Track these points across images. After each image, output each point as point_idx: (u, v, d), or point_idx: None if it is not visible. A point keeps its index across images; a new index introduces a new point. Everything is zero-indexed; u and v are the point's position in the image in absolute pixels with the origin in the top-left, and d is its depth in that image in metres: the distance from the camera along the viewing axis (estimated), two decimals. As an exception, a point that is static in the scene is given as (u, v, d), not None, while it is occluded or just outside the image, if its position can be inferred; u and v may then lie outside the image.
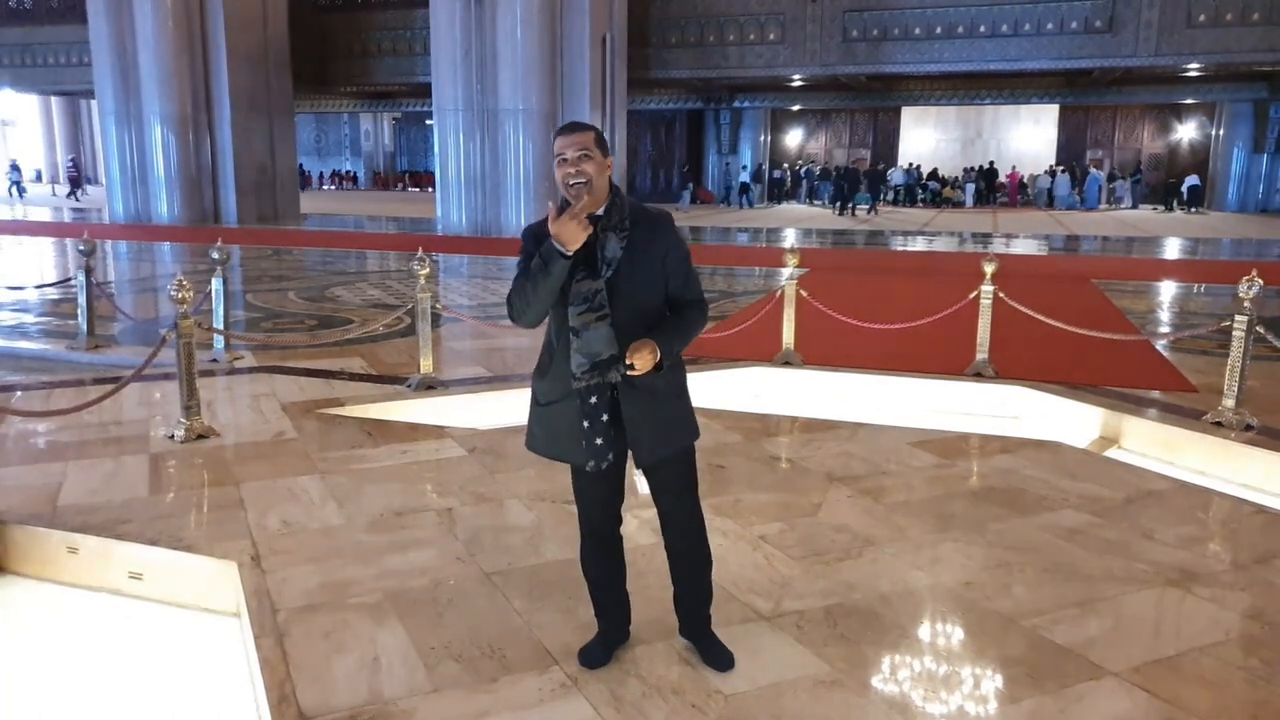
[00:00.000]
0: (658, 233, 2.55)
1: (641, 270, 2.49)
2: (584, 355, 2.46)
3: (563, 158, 2.47)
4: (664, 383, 2.55)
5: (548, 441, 2.64)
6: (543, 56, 16.86)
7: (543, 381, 2.61)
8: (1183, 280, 12.91)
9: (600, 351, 2.45)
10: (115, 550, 3.61)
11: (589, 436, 2.52)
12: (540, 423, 2.65)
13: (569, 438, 2.56)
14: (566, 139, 2.47)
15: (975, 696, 2.65)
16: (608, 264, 2.47)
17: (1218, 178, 29.10)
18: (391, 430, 5.18)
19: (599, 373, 2.47)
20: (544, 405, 2.62)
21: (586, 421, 2.51)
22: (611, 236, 2.49)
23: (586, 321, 2.45)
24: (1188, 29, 19.37)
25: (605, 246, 2.48)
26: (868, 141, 35.83)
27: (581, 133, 2.49)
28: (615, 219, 2.51)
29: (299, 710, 2.51)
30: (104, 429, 5.14)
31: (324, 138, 45.25)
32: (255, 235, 18.14)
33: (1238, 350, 5.14)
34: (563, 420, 2.57)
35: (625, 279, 2.48)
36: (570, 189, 2.47)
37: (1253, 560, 3.58)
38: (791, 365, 6.64)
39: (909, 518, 3.95)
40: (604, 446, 2.53)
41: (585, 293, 2.45)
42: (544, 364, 2.61)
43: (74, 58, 25.84)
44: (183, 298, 4.95)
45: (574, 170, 2.45)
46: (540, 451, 2.68)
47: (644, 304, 2.51)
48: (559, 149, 2.47)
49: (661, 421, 2.58)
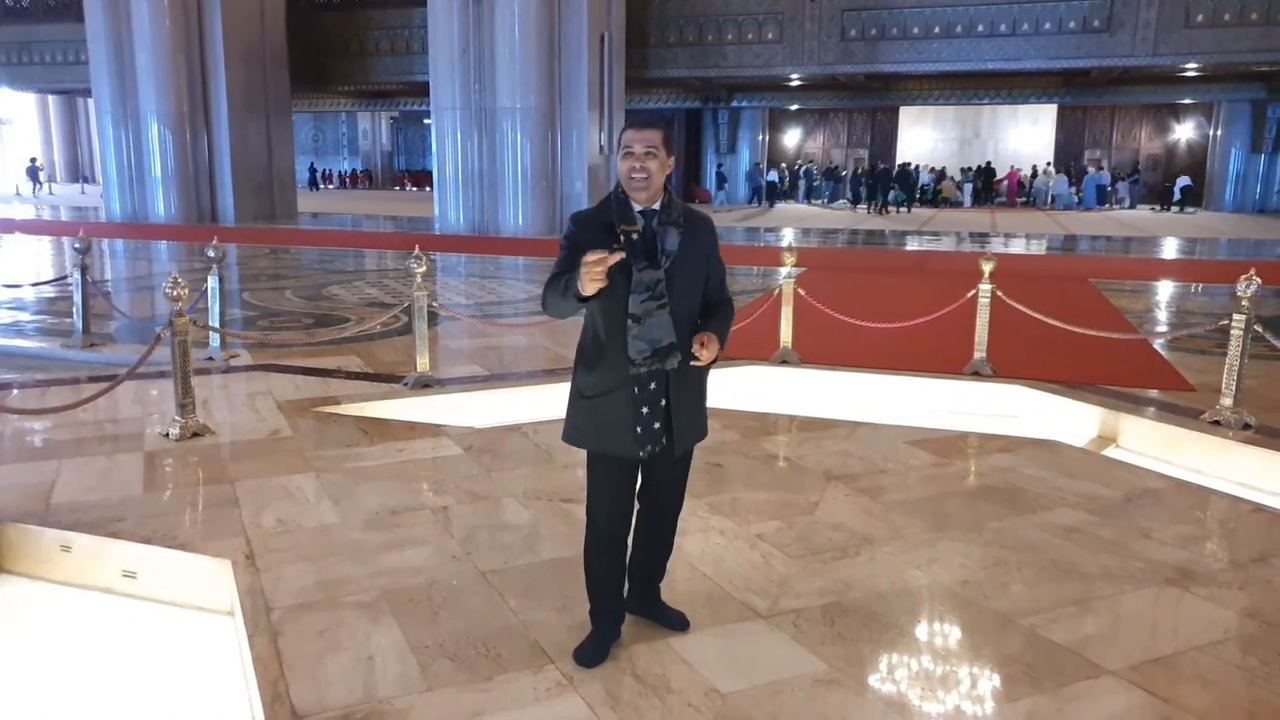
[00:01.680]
0: (703, 232, 2.68)
1: (691, 265, 2.62)
2: (645, 342, 2.54)
3: (629, 151, 2.54)
4: (699, 374, 2.70)
5: (595, 434, 2.68)
6: (541, 55, 16.84)
7: (591, 374, 2.65)
8: (1180, 280, 12.91)
9: (661, 338, 2.54)
10: (109, 548, 3.59)
11: (646, 422, 2.60)
12: (587, 416, 2.67)
13: (620, 428, 2.61)
14: (636, 133, 2.55)
15: (972, 695, 2.64)
16: (667, 256, 2.57)
17: (1215, 178, 29.11)
18: (388, 429, 5.16)
19: (659, 359, 2.55)
20: (591, 398, 2.65)
21: (645, 408, 2.60)
22: (671, 231, 2.59)
23: (649, 310, 2.53)
24: (1186, 29, 19.38)
25: (665, 239, 2.58)
26: (865, 141, 35.82)
27: (652, 130, 2.57)
28: (674, 214, 2.62)
29: (292, 709, 2.49)
30: (99, 427, 5.12)
31: (321, 137, 45.19)
32: (252, 234, 18.11)
33: (1236, 349, 5.13)
34: (613, 411, 2.62)
35: (680, 271, 2.59)
36: (631, 181, 2.55)
37: (1250, 559, 3.57)
38: (789, 364, 6.63)
39: (906, 516, 3.94)
40: (659, 431, 2.63)
41: (648, 282, 2.53)
42: (591, 358, 2.65)
43: (71, 56, 25.79)
44: (178, 295, 4.93)
45: (639, 165, 2.54)
46: (585, 445, 2.72)
47: (693, 296, 2.64)
48: (627, 141, 2.55)
49: (699, 410, 2.75)
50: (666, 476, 2.79)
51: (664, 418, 2.62)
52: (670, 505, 2.86)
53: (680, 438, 2.68)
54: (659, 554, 2.94)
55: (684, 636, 2.89)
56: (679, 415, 2.65)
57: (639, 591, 2.94)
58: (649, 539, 2.89)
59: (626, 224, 2.56)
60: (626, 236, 2.55)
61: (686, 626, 2.93)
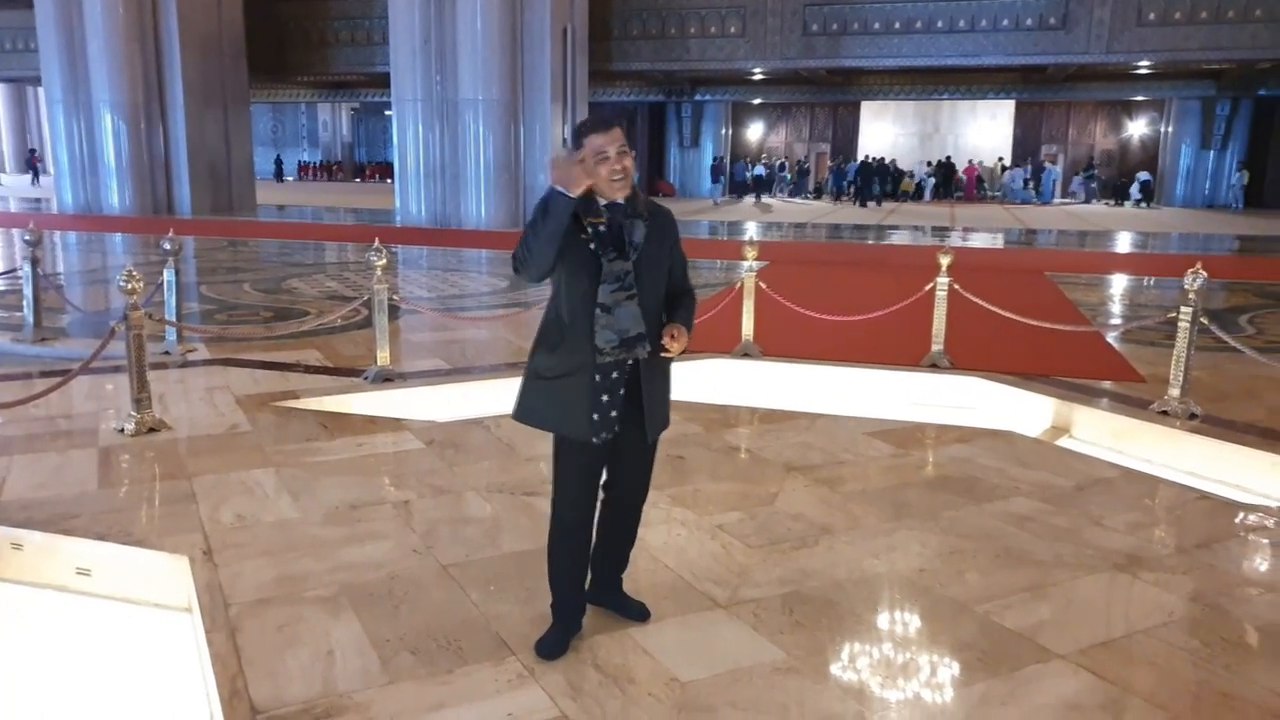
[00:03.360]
0: (666, 225, 2.71)
1: (656, 257, 2.65)
2: (614, 331, 2.57)
3: (605, 155, 2.55)
4: (665, 365, 2.75)
5: (548, 414, 2.70)
6: (503, 47, 16.74)
7: (552, 356, 2.66)
8: (1133, 273, 13.18)
9: (629, 329, 2.58)
10: (62, 546, 3.53)
11: (604, 409, 2.63)
12: (542, 396, 2.69)
13: (576, 412, 2.63)
14: (606, 136, 2.56)
15: (928, 681, 2.69)
16: (634, 247, 2.60)
17: (1167, 173, 29.72)
18: (348, 423, 5.12)
19: (626, 349, 2.59)
20: (550, 379, 2.67)
21: (605, 395, 2.63)
22: (638, 223, 2.62)
23: (618, 299, 2.57)
24: (1138, 27, 19.77)
25: (634, 232, 2.61)
26: (827, 135, 36.06)
27: (617, 128, 2.61)
28: (639, 207, 2.64)
29: (251, 705, 2.48)
30: (51, 422, 5.03)
31: (281, 128, 44.56)
32: (209, 226, 17.82)
33: (1183, 341, 5.26)
34: (571, 394, 2.63)
35: (646, 263, 2.63)
36: (614, 184, 2.57)
37: (1195, 545, 3.67)
38: (751, 357, 6.68)
39: (865, 506, 4.00)
40: (613, 420, 2.65)
41: (617, 272, 2.57)
42: (553, 340, 2.66)
43: (20, 43, 25.20)
44: (132, 288, 4.85)
45: (619, 168, 2.57)
46: (537, 424, 2.73)
47: (658, 288, 2.69)
48: (599, 146, 2.55)
49: (662, 402, 2.78)
50: (633, 465, 2.82)
51: (621, 407, 2.65)
52: (636, 494, 2.89)
53: (650, 427, 2.72)
54: (622, 545, 2.97)
55: (645, 627, 2.92)
56: (648, 405, 2.69)
57: (601, 582, 2.97)
58: (613, 529, 2.92)
59: (594, 216, 2.58)
60: (594, 228, 2.57)
61: (647, 618, 2.96)
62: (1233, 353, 6.04)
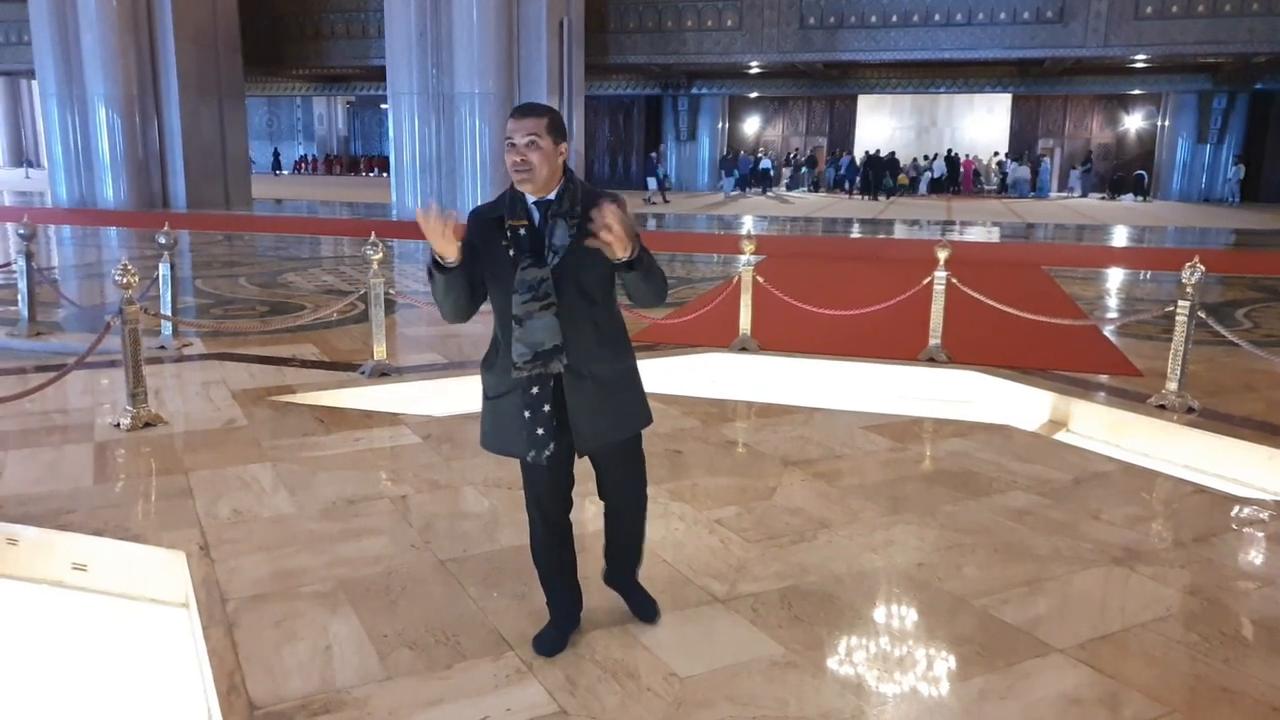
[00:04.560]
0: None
1: (590, 257, 2.38)
2: (526, 345, 2.42)
3: (511, 142, 2.42)
4: (610, 372, 2.56)
5: (496, 436, 2.63)
6: (499, 40, 16.68)
7: (490, 374, 2.60)
8: (1130, 267, 13.18)
9: (543, 341, 2.42)
10: (58, 541, 3.52)
11: (530, 427, 2.51)
12: (488, 417, 2.64)
13: (515, 431, 2.54)
14: (517, 123, 2.42)
15: (927, 676, 2.69)
16: (554, 251, 2.43)
17: (1163, 167, 29.72)
18: (344, 418, 5.11)
19: (541, 362, 2.44)
20: (493, 399, 2.60)
21: (528, 411, 2.50)
22: (560, 223, 2.44)
23: (530, 310, 2.41)
24: (1135, 20, 19.76)
25: (554, 233, 2.43)
26: (824, 129, 36.00)
27: (534, 118, 2.42)
28: (566, 205, 2.45)
29: (248, 700, 2.47)
30: (46, 417, 5.01)
31: (276, 121, 44.39)
32: (205, 220, 17.77)
33: (1180, 335, 5.26)
34: (509, 413, 2.55)
35: (572, 267, 2.43)
36: (515, 175, 2.43)
37: (1193, 539, 3.67)
38: (748, 351, 6.67)
39: (863, 500, 4.00)
40: (544, 437, 2.51)
41: (530, 281, 2.40)
42: (490, 356, 2.59)
43: (14, 36, 25.05)
44: (127, 282, 4.83)
45: (519, 159, 2.40)
46: (490, 448, 2.67)
47: (591, 292, 2.47)
48: (509, 132, 2.43)
49: (608, 409, 2.57)
50: (608, 474, 2.72)
51: (549, 423, 2.50)
52: (624, 501, 2.78)
53: (586, 436, 2.54)
54: (628, 546, 2.88)
55: (643, 622, 2.90)
56: (579, 415, 2.51)
57: (615, 572, 2.92)
58: (614, 533, 2.85)
59: (516, 218, 2.44)
60: (514, 231, 2.44)
61: (655, 618, 2.87)
62: (1230, 346, 6.05)
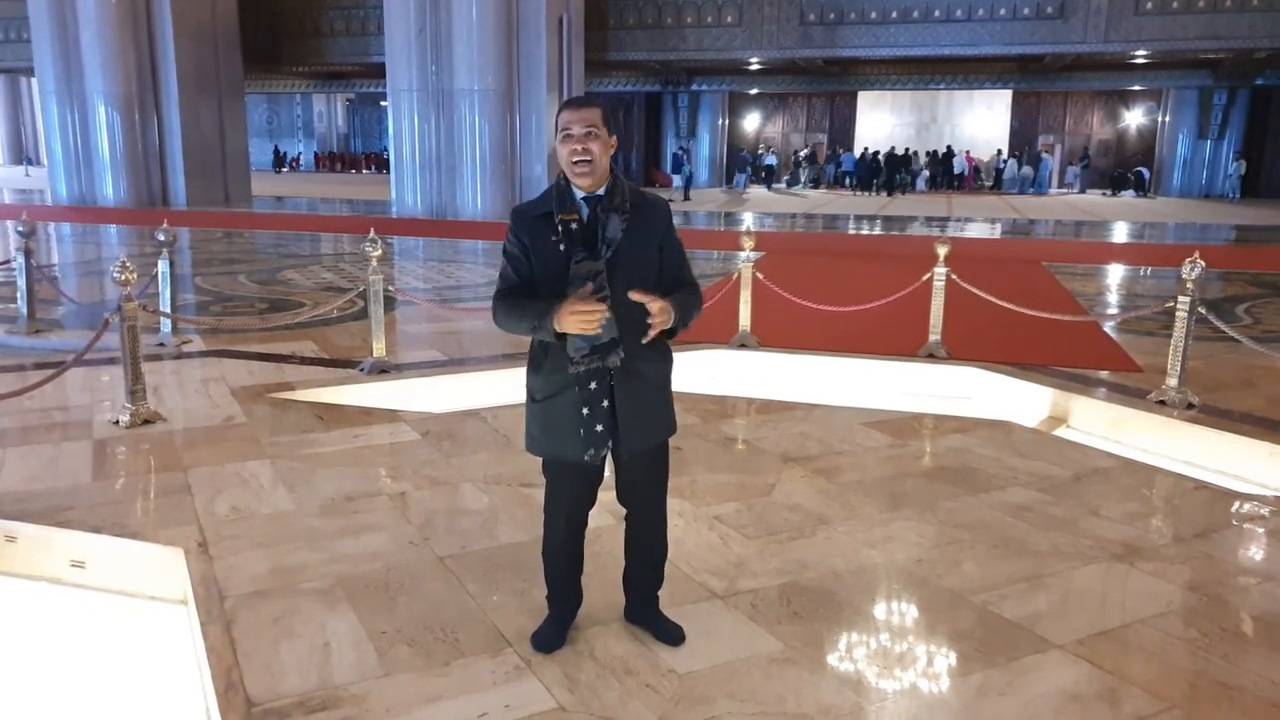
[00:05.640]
0: (654, 217, 2.52)
1: (639, 253, 2.44)
2: (584, 338, 2.38)
3: (568, 133, 2.40)
4: (656, 373, 2.55)
5: (547, 440, 2.56)
6: (499, 37, 16.67)
7: (539, 376, 2.53)
8: (1129, 263, 13.17)
9: (601, 334, 2.37)
10: (56, 538, 3.52)
11: (589, 424, 2.46)
12: (538, 420, 2.56)
13: (568, 432, 2.49)
14: (573, 113, 2.41)
15: (926, 671, 2.68)
16: (608, 245, 2.42)
17: (1164, 163, 29.70)
18: (344, 415, 5.11)
19: (599, 356, 2.40)
20: (540, 401, 2.53)
21: (586, 409, 2.45)
22: (614, 217, 2.43)
23: None
24: (1135, 16, 19.73)
25: (606, 227, 2.42)
26: (824, 126, 36.01)
27: (591, 108, 2.42)
28: (617, 199, 2.46)
29: (247, 697, 2.47)
30: (45, 414, 5.01)
31: (276, 119, 44.37)
32: (204, 218, 17.76)
33: (1180, 331, 5.26)
34: (562, 414, 2.49)
35: (624, 261, 2.42)
36: (574, 166, 2.41)
37: (1193, 535, 3.67)
38: (748, 347, 6.67)
39: (862, 497, 3.99)
40: (604, 434, 2.48)
41: (585, 274, 2.38)
42: (537, 358, 2.53)
43: (12, 34, 25.02)
44: (126, 280, 4.83)
45: (580, 148, 2.39)
46: (541, 453, 2.60)
47: (643, 286, 2.44)
48: (564, 123, 2.41)
49: (651, 411, 2.56)
50: (635, 478, 2.65)
51: (608, 419, 2.47)
52: (647, 508, 2.72)
53: (627, 439, 2.51)
54: (649, 562, 2.79)
55: (670, 646, 2.75)
56: (625, 415, 2.48)
57: (633, 599, 2.83)
58: (636, 547, 2.76)
59: (566, 212, 2.42)
60: (565, 226, 2.41)
61: (680, 642, 2.73)
62: (1230, 342, 6.04)
